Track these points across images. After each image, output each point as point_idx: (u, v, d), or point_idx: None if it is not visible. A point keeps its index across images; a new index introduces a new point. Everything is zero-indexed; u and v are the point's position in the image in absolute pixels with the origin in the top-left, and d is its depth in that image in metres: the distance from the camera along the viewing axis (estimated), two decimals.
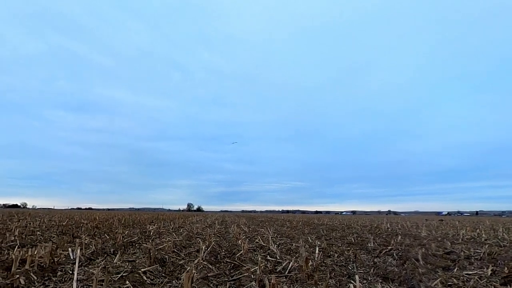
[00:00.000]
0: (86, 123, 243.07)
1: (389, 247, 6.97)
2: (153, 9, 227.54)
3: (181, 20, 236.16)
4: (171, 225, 13.95)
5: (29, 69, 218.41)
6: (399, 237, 9.52)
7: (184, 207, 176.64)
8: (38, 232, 8.71)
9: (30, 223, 12.37)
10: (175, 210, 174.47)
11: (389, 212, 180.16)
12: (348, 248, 6.96)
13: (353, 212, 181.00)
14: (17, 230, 8.63)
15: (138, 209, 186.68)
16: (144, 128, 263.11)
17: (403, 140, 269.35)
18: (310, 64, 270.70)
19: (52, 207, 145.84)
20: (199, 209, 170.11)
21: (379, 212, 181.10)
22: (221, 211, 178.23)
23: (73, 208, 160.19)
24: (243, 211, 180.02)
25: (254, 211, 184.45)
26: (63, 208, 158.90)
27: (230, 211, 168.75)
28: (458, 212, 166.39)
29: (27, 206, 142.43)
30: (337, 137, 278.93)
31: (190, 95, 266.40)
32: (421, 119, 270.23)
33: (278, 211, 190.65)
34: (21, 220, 14.68)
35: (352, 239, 9.13)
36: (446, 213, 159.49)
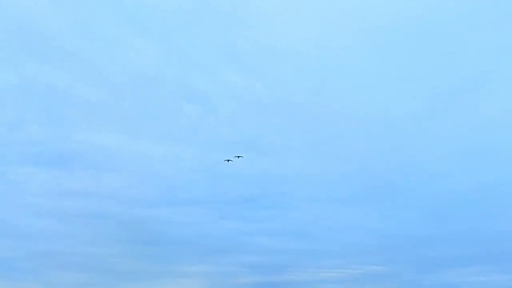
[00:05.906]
0: (63, 183, 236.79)
1: None
2: (160, 19, 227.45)
3: (199, 31, 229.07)
4: None
5: None
6: None
7: None
8: None
9: None
10: None
11: None
12: None
13: None
14: None
15: None
16: (143, 188, 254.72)
17: None
18: (387, 84, 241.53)
19: None
20: None
21: None
22: None
23: None
24: None
25: None
26: None
27: None
28: None
29: None
30: (436, 193, 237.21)
31: (210, 137, 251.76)
32: None
33: None
34: None
35: None
36: None
